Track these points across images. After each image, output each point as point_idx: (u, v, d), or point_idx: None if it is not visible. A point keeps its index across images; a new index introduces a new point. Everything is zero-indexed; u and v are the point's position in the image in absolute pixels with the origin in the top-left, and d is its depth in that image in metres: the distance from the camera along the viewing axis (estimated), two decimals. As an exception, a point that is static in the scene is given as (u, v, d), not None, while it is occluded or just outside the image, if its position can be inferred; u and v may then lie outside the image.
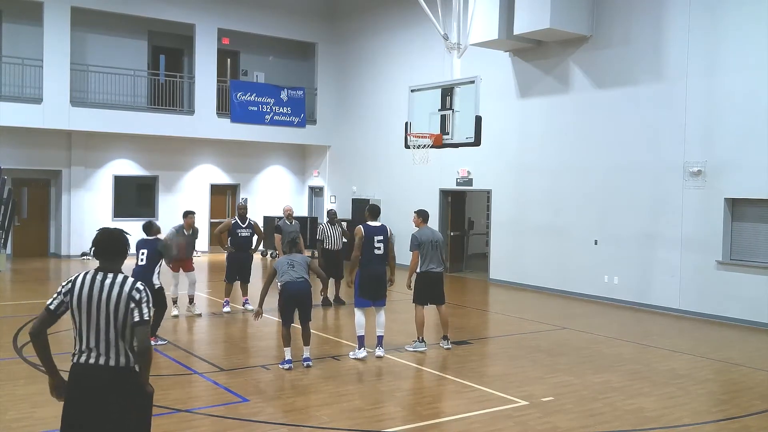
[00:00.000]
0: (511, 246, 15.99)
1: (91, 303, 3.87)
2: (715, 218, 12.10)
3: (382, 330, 8.91)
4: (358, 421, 6.44)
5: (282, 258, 8.54)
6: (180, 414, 6.51)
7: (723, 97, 12.00)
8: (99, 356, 3.87)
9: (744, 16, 11.77)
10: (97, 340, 3.86)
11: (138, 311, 3.89)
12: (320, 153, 22.63)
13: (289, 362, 8.12)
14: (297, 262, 8.34)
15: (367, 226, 8.81)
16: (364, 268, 8.75)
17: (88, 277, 3.95)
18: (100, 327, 3.86)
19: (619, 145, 13.64)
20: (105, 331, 3.86)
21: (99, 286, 3.90)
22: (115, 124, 18.66)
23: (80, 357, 3.90)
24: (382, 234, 8.82)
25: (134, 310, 3.89)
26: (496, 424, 6.44)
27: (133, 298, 3.90)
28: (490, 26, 14.60)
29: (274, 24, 20.99)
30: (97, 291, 3.89)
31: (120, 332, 3.88)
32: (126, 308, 3.88)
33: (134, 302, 3.90)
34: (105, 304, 3.86)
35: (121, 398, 3.87)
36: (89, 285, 3.91)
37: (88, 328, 3.87)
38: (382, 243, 8.78)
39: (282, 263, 8.36)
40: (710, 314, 12.13)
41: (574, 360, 8.97)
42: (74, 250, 19.35)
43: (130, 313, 3.88)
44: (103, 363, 3.86)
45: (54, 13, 17.71)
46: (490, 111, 11.82)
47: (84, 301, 3.87)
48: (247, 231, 11.95)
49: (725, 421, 6.73)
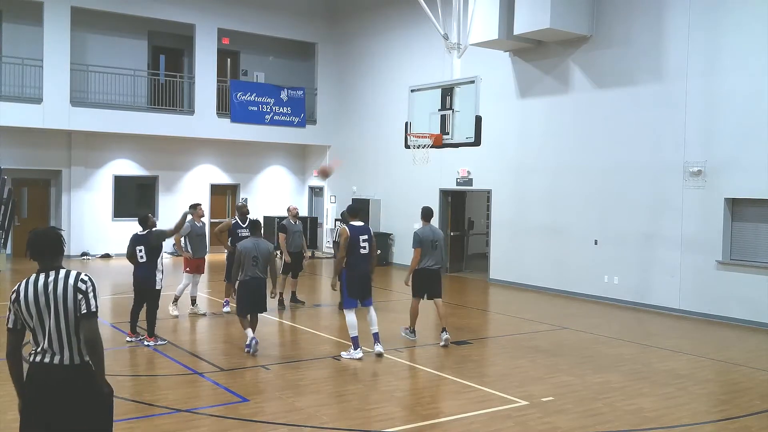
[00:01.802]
0: (511, 246, 15.98)
1: (39, 304, 3.80)
2: (715, 218, 12.10)
3: (376, 327, 8.95)
4: (358, 421, 6.44)
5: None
6: (180, 414, 6.51)
7: (723, 97, 12.00)
8: (54, 355, 3.80)
9: (744, 16, 11.77)
10: (50, 340, 3.80)
11: (85, 302, 3.82)
12: (320, 153, 22.63)
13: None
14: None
15: (352, 226, 8.86)
16: (351, 268, 8.79)
17: (31, 280, 3.87)
18: (51, 326, 3.79)
19: (619, 145, 13.64)
20: (56, 329, 3.79)
21: (43, 285, 3.82)
22: (115, 124, 18.66)
23: (36, 356, 3.84)
24: (367, 233, 8.89)
25: (81, 301, 3.82)
26: (496, 424, 6.44)
27: (79, 289, 3.83)
28: (490, 26, 14.60)
29: (274, 24, 20.99)
30: (42, 290, 3.81)
31: (73, 328, 3.81)
32: (74, 301, 3.81)
33: (81, 293, 3.83)
34: (53, 301, 3.80)
35: (78, 397, 3.81)
36: (33, 287, 3.83)
37: (42, 329, 3.81)
38: (367, 242, 8.82)
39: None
40: (710, 314, 12.13)
41: (574, 360, 8.97)
42: (74, 250, 19.35)
43: (78, 305, 3.82)
44: (57, 362, 3.79)
45: (54, 13, 17.71)
46: (490, 111, 11.83)
47: (32, 304, 3.80)
48: (248, 231, 11.85)
49: (725, 421, 6.72)
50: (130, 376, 7.83)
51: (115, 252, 19.67)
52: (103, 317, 10.73)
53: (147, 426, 6.24)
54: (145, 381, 7.81)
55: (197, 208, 11.68)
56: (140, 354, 8.96)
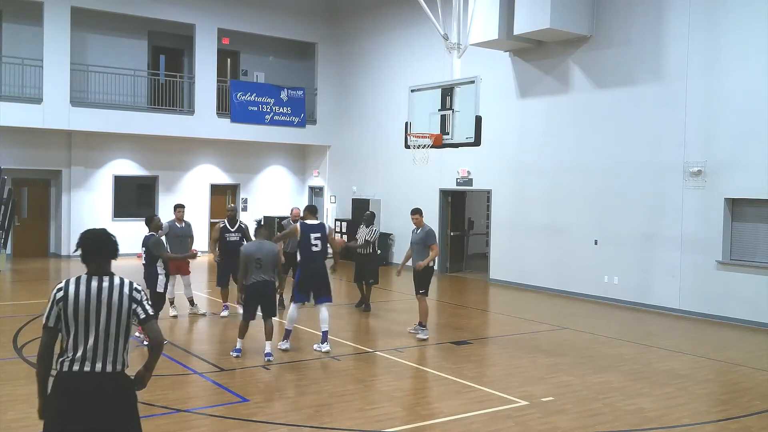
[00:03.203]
0: (511, 246, 15.98)
1: (90, 309, 3.71)
2: (715, 218, 12.10)
3: (326, 325, 9.12)
4: (358, 421, 6.44)
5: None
6: (180, 414, 6.51)
7: (723, 97, 12.00)
8: (96, 363, 3.72)
9: (744, 16, 11.77)
10: (94, 345, 3.71)
11: (142, 309, 3.85)
12: (320, 153, 22.63)
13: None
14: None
15: (304, 224, 9.14)
16: (303, 265, 9.09)
17: (83, 281, 3.77)
18: (100, 333, 3.72)
19: (619, 145, 13.64)
20: (105, 337, 3.73)
21: (97, 291, 3.74)
22: (115, 124, 18.66)
23: (73, 365, 3.70)
24: (320, 231, 9.11)
25: (137, 308, 3.84)
26: (496, 424, 6.44)
27: (134, 299, 3.84)
28: (490, 26, 14.60)
29: (274, 24, 20.98)
30: (95, 296, 3.73)
31: (123, 336, 3.80)
32: (129, 310, 3.81)
33: (136, 302, 3.84)
34: (107, 308, 3.73)
35: (117, 403, 3.79)
36: (86, 291, 3.73)
37: (85, 333, 3.71)
38: (319, 240, 9.06)
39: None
40: (710, 314, 12.13)
41: (574, 360, 8.97)
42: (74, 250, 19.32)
43: (134, 312, 3.82)
44: (99, 369, 3.72)
45: (54, 13, 17.70)
46: (490, 111, 11.82)
47: (82, 308, 3.70)
48: (236, 235, 11.45)
49: (725, 421, 6.73)
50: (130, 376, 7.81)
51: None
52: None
53: (147, 426, 6.19)
54: (145, 381, 7.80)
55: (177, 210, 11.48)
56: (140, 354, 8.95)
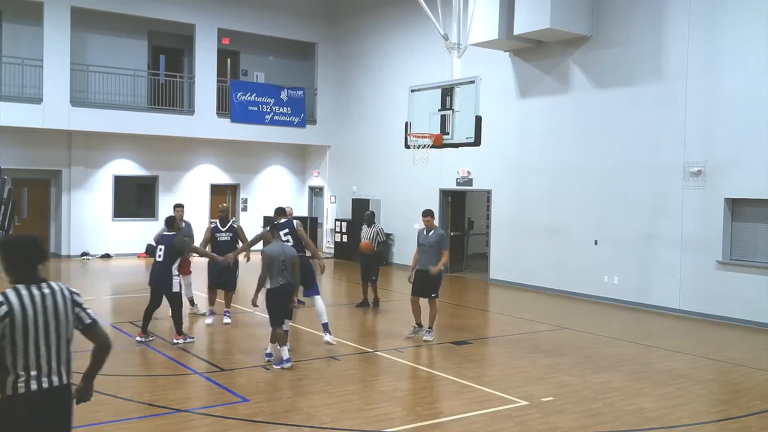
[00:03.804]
0: (511, 246, 15.98)
1: (38, 321, 3.46)
2: (715, 218, 12.10)
3: (324, 317, 9.26)
4: (358, 421, 6.44)
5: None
6: (179, 414, 6.51)
7: (723, 97, 12.00)
8: (52, 377, 3.51)
9: (744, 16, 11.77)
10: (48, 359, 3.49)
11: (85, 313, 3.64)
12: (320, 153, 22.63)
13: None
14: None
15: (274, 224, 9.54)
16: None
17: (24, 294, 3.48)
18: (51, 344, 3.50)
19: (619, 145, 13.64)
20: (57, 347, 3.52)
21: (41, 300, 3.49)
22: (115, 124, 18.66)
23: (30, 384, 3.44)
24: (287, 227, 10.10)
25: (80, 312, 3.63)
26: (496, 424, 6.44)
27: (77, 303, 3.63)
28: (490, 26, 14.60)
29: (274, 24, 20.98)
30: (41, 305, 3.48)
31: (70, 343, 3.60)
32: (73, 314, 3.60)
33: (79, 306, 3.63)
34: (54, 317, 3.52)
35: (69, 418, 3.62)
36: (30, 302, 3.46)
37: (37, 348, 3.46)
38: (288, 235, 9.90)
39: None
40: (710, 314, 12.13)
41: (574, 360, 8.97)
42: (74, 250, 19.34)
43: (77, 317, 3.62)
44: (57, 383, 3.52)
45: (54, 13, 17.71)
46: (490, 111, 11.82)
47: (31, 321, 3.44)
48: (227, 235, 10.96)
49: (725, 421, 6.73)
50: (130, 376, 7.82)
51: (115, 252, 19.68)
52: (103, 317, 10.72)
53: (147, 426, 6.24)
54: (145, 381, 7.80)
55: (177, 210, 11.37)
56: (140, 354, 8.96)
